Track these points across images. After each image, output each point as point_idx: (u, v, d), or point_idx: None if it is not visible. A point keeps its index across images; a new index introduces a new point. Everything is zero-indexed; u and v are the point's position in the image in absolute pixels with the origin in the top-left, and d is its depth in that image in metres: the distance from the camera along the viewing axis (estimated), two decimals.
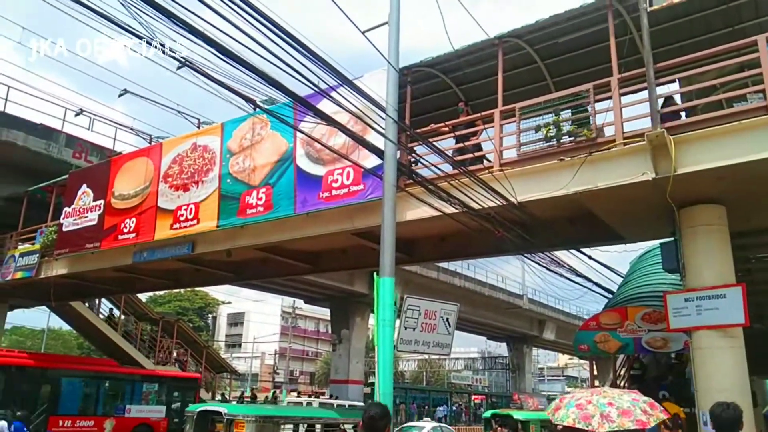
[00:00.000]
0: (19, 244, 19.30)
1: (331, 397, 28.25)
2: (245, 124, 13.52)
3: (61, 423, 18.56)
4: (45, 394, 18.83)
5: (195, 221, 13.86)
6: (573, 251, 13.90)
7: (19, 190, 19.66)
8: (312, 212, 11.99)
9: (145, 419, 20.89)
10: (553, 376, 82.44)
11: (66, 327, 52.33)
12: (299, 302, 50.64)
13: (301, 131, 10.98)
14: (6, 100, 20.18)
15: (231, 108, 15.08)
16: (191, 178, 14.25)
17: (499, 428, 13.80)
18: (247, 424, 9.66)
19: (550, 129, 9.64)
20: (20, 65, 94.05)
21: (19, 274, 18.53)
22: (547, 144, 9.65)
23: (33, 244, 18.59)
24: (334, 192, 11.66)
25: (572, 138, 9.41)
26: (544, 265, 13.21)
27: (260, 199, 12.69)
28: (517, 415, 16.30)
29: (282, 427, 10.66)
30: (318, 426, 12.75)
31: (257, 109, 13.00)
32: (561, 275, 14.42)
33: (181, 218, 14.09)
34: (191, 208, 13.98)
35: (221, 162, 13.79)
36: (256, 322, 66.83)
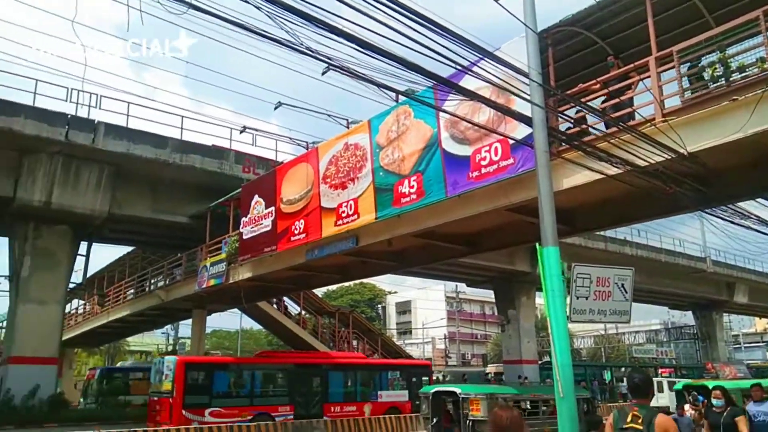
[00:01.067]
0: (208, 255, 21.73)
1: (519, 377, 28.23)
2: (390, 117, 13.89)
3: (332, 409, 21.23)
4: (318, 386, 21.70)
5: (355, 216, 14.56)
6: (760, 200, 12.38)
7: (202, 208, 22.13)
8: (463, 193, 12.01)
9: (393, 403, 23.15)
10: (750, 343, 73.99)
11: (256, 326, 57.91)
12: (462, 286, 50.97)
13: (445, 111, 11.01)
14: (182, 128, 22.80)
15: (374, 105, 15.59)
16: (347, 176, 14.98)
17: (692, 400, 12.67)
18: (482, 402, 10.12)
19: (716, 68, 8.67)
20: (188, 96, 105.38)
21: (212, 282, 20.88)
22: (715, 85, 8.70)
23: (219, 253, 20.85)
24: (483, 170, 11.57)
25: (743, 74, 8.38)
26: (727, 219, 11.89)
27: (412, 187, 12.98)
28: (714, 384, 14.90)
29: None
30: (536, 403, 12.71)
31: (399, 100, 13.37)
32: (749, 228, 12.87)
33: (343, 215, 14.89)
34: (351, 204, 14.71)
35: (372, 157, 14.32)
36: (423, 308, 68.40)
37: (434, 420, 10.56)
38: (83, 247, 23.96)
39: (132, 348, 65.62)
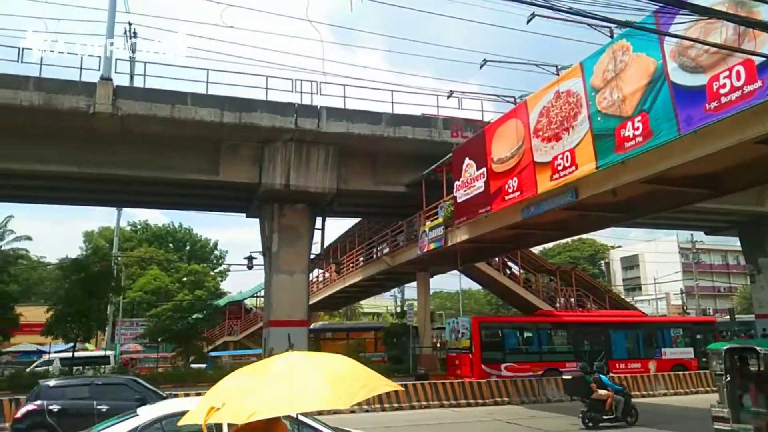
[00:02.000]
0: (427, 220, 22.64)
1: (764, 330, 25.03)
2: (604, 56, 12.90)
3: (617, 365, 22.14)
4: (602, 343, 22.81)
5: (573, 168, 13.92)
6: None
7: (416, 176, 23.08)
8: (700, 129, 10.72)
9: (679, 360, 23.30)
10: None
11: (475, 287, 59.10)
12: (698, 235, 45.81)
13: (673, 35, 9.87)
14: (392, 102, 23.87)
15: (584, 48, 14.56)
16: (560, 126, 14.35)
17: None
18: None
19: None
20: (390, 69, 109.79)
21: (432, 246, 21.80)
22: None
23: (437, 218, 21.62)
24: (723, 99, 10.17)
25: None
26: None
27: (636, 129, 11.96)
28: None
29: None
30: None
31: (614, 36, 12.32)
32: None
33: (559, 168, 14.34)
34: (567, 156, 14.09)
35: (587, 102, 13.50)
36: (652, 262, 63.14)
37: (727, 377, 9.75)
38: (318, 222, 26.63)
39: (365, 310, 71.72)
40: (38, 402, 11.09)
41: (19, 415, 11.10)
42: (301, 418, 6.76)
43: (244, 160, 22.98)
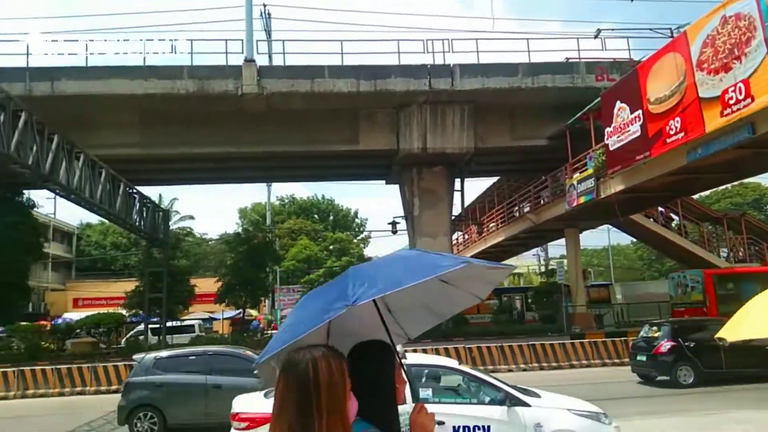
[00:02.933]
0: (574, 173, 21.46)
1: None
2: None
3: None
4: None
5: (748, 100, 12.31)
6: None
7: (559, 127, 21.89)
8: None
9: None
10: None
11: (623, 242, 55.72)
12: None
13: None
14: (528, 51, 22.70)
15: None
16: (730, 55, 12.71)
17: None
18: None
19: None
20: (514, 18, 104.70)
21: (582, 199, 20.66)
22: None
23: (585, 170, 20.40)
24: None
25: None
26: None
27: None
28: None
29: None
30: None
31: None
32: None
33: (731, 101, 12.76)
34: (740, 88, 12.48)
35: (763, 24, 11.79)
36: None
37: None
38: (457, 183, 26.39)
39: None
40: None
41: None
42: (475, 373, 6.74)
43: (381, 128, 23.28)
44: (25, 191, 25.03)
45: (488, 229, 34.53)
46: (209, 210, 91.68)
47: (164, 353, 10.62)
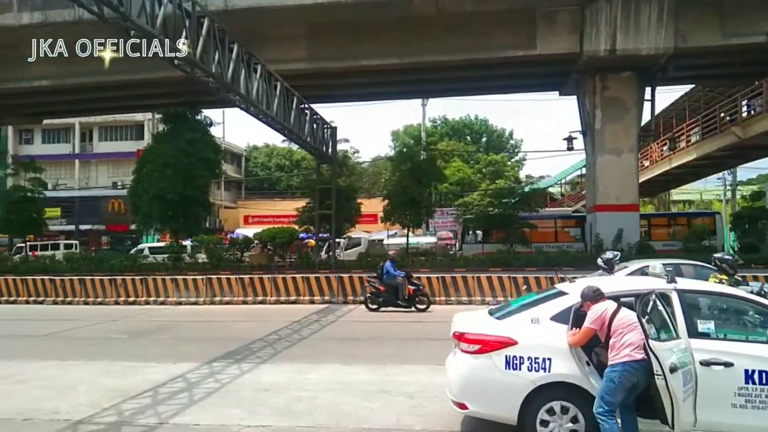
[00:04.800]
0: None
1: None
2: None
3: None
4: None
5: None
6: None
7: None
8: None
9: None
10: None
11: None
12: None
13: None
14: None
15: None
16: None
17: None
18: None
19: None
20: None
21: None
22: None
23: None
24: None
25: None
26: None
27: None
28: None
29: None
30: None
31: None
32: None
33: None
34: None
35: None
36: None
37: None
38: (647, 93, 23.08)
39: (674, 198, 64.07)
40: None
41: None
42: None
43: (562, 29, 20.69)
44: (203, 110, 26.29)
45: (677, 146, 30.49)
46: (358, 136, 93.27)
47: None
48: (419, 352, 9.53)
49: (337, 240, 25.66)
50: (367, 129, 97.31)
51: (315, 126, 21.75)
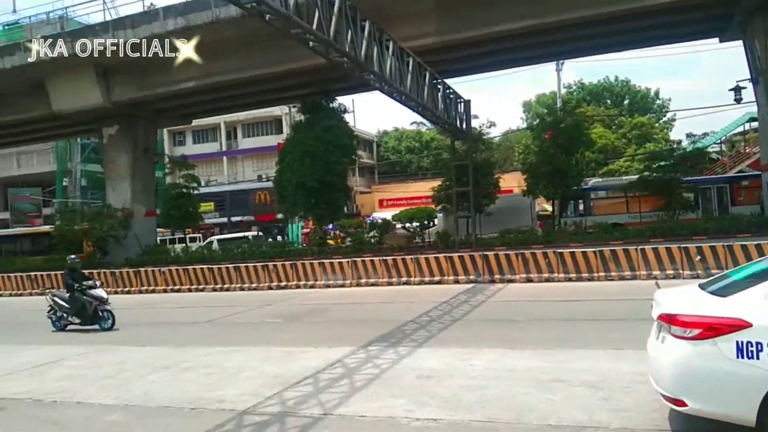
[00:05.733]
0: None
1: None
2: None
3: None
4: None
5: None
6: None
7: None
8: None
9: None
10: None
11: None
12: None
13: None
14: None
15: None
16: None
17: None
18: None
19: None
20: None
21: None
22: None
23: None
24: None
25: None
26: None
27: None
28: None
29: None
30: None
31: None
32: None
33: None
34: None
35: None
36: None
37: None
38: None
39: None
40: None
41: None
42: None
43: None
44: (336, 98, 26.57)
45: None
46: (481, 111, 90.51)
47: None
48: (592, 335, 8.52)
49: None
50: (491, 105, 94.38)
51: (447, 101, 20.95)
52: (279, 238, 39.18)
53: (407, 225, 24.45)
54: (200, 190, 32.68)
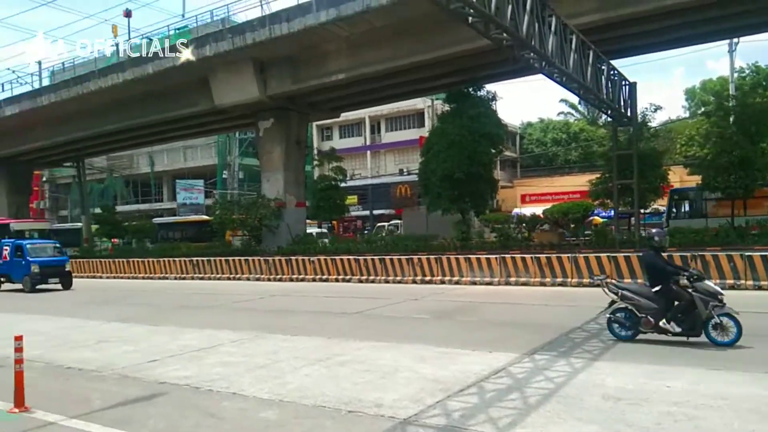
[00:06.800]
0: None
1: None
2: None
3: None
4: None
5: None
6: None
7: None
8: None
9: None
10: None
11: None
12: None
13: None
14: None
15: None
16: None
17: None
18: None
19: None
20: None
21: None
22: None
23: None
24: None
25: None
26: None
27: None
28: None
29: None
30: None
31: None
32: None
33: None
34: None
35: None
36: None
37: None
38: None
39: None
40: None
41: None
42: None
43: None
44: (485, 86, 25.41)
45: None
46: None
47: None
48: None
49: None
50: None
51: (611, 84, 18.97)
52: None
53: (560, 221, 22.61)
54: (347, 182, 33.22)
